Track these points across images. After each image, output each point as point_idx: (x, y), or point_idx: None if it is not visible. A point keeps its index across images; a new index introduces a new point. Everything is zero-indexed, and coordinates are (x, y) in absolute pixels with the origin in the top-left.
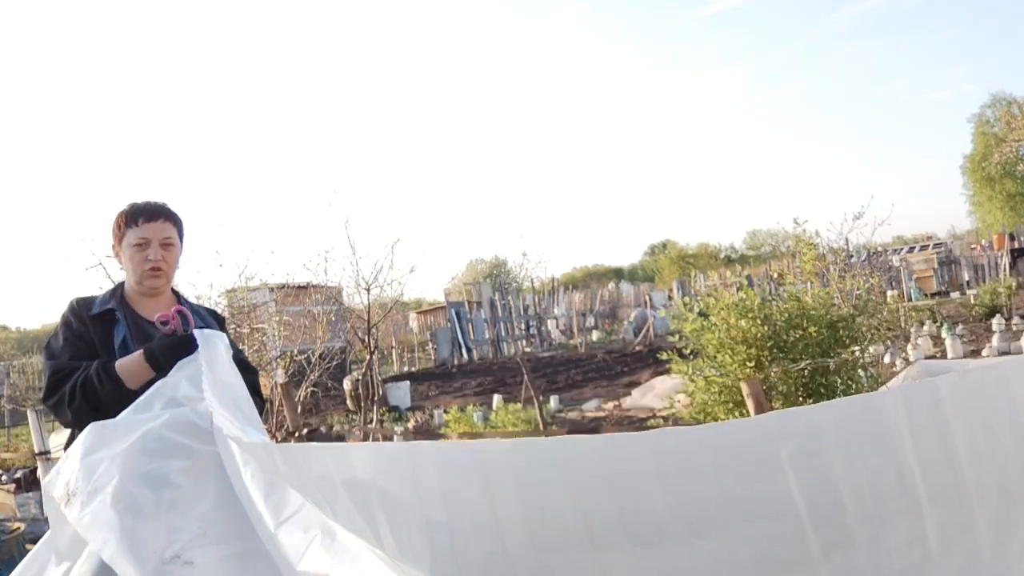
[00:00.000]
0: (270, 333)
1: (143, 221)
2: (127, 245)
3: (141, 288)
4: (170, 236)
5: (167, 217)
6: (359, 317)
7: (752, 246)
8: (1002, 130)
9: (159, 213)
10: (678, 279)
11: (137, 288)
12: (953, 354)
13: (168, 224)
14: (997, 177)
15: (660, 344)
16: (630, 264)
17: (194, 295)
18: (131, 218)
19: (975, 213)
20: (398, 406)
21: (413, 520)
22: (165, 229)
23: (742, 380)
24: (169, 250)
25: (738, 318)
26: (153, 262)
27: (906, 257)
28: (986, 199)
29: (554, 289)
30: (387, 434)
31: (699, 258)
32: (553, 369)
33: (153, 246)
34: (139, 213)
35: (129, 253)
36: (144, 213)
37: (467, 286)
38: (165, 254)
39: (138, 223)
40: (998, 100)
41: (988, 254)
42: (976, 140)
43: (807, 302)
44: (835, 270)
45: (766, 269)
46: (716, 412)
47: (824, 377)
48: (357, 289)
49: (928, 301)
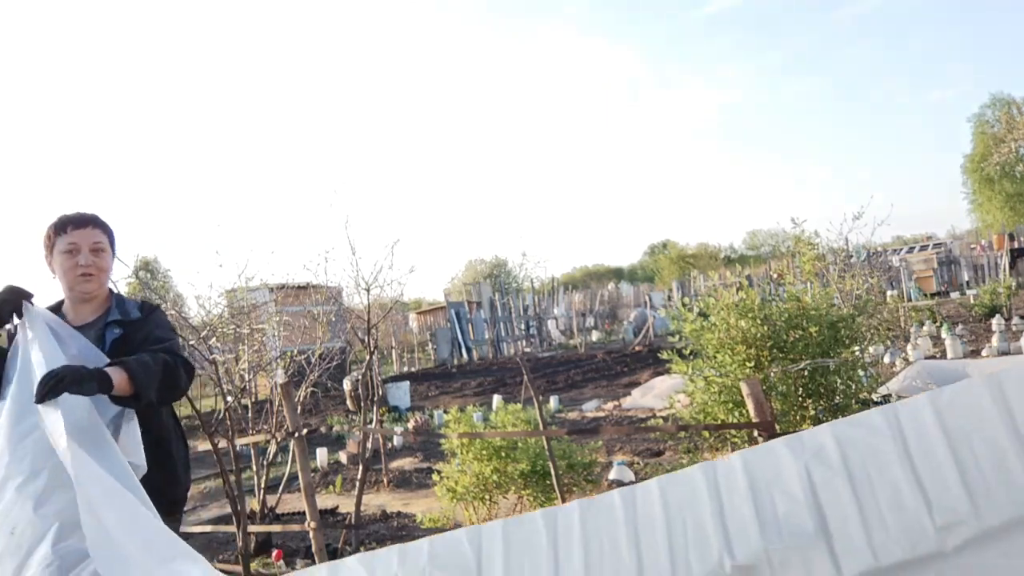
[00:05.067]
0: (270, 333)
1: (72, 228)
2: (58, 253)
3: (73, 294)
4: (100, 241)
5: (96, 224)
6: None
7: (752, 246)
8: (1002, 130)
9: (88, 221)
10: (678, 279)
11: (70, 295)
12: (953, 354)
13: (98, 231)
14: (997, 177)
15: (660, 344)
16: (630, 264)
17: (194, 295)
18: (60, 227)
19: (975, 213)
20: (398, 406)
21: None
22: (95, 235)
23: (742, 380)
24: (100, 255)
25: (738, 318)
26: (83, 267)
27: (906, 257)
28: (986, 199)
29: (554, 289)
30: (387, 434)
31: (699, 258)
32: (553, 369)
33: (83, 252)
34: (68, 222)
35: (60, 260)
36: (73, 221)
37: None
38: (95, 259)
39: (67, 231)
40: (998, 100)
41: (988, 254)
42: (976, 140)
43: (807, 302)
44: (835, 270)
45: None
46: (716, 412)
47: (824, 377)
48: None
49: (928, 301)
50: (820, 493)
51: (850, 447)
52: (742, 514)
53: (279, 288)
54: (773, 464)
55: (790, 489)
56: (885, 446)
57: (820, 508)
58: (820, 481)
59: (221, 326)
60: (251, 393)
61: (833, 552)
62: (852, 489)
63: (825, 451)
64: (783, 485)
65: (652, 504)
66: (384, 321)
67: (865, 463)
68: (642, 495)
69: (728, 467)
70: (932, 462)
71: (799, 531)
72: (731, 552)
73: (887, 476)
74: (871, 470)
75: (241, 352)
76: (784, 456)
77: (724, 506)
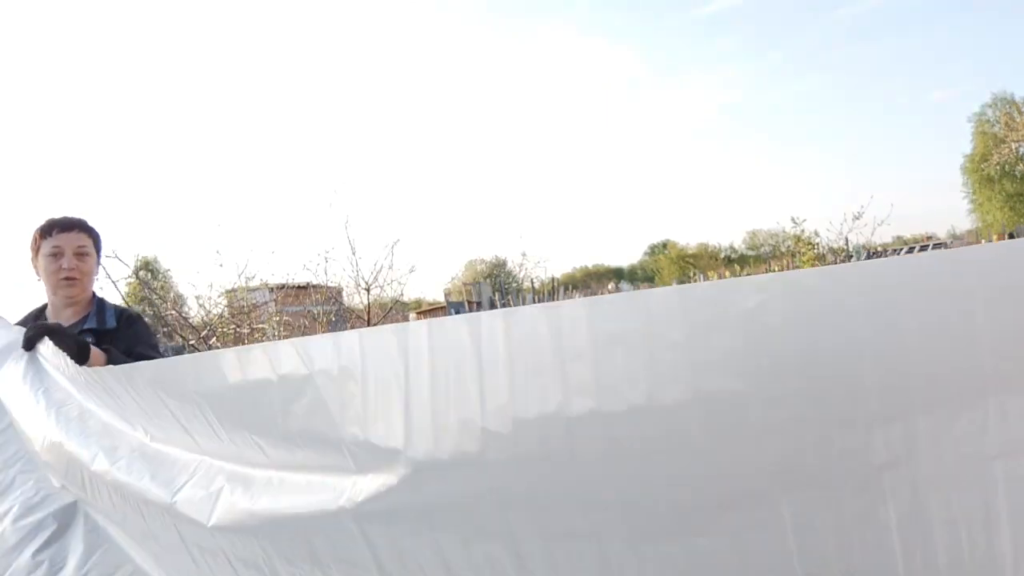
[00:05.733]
0: (270, 333)
1: (57, 232)
2: (43, 256)
3: (57, 298)
4: (84, 245)
5: (81, 228)
6: (359, 317)
7: (752, 246)
8: (1002, 130)
9: (73, 225)
10: (678, 279)
11: (54, 299)
12: None
13: (83, 235)
14: (997, 177)
15: None
16: (630, 264)
17: (194, 295)
18: (46, 231)
19: (975, 213)
20: None
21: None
22: (79, 239)
23: None
24: (84, 259)
25: None
26: (67, 271)
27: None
28: (986, 199)
29: (554, 289)
30: None
31: (699, 258)
32: None
33: (67, 255)
34: (54, 225)
35: (44, 263)
36: (59, 225)
37: (467, 286)
38: (79, 263)
39: (52, 234)
40: (1000, 99)
41: None
42: (976, 140)
43: None
44: None
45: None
46: None
47: None
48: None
49: None
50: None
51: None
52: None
53: (279, 288)
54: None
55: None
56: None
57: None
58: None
59: (221, 326)
60: None
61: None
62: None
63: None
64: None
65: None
66: (384, 321)
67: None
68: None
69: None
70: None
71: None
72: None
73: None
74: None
75: None
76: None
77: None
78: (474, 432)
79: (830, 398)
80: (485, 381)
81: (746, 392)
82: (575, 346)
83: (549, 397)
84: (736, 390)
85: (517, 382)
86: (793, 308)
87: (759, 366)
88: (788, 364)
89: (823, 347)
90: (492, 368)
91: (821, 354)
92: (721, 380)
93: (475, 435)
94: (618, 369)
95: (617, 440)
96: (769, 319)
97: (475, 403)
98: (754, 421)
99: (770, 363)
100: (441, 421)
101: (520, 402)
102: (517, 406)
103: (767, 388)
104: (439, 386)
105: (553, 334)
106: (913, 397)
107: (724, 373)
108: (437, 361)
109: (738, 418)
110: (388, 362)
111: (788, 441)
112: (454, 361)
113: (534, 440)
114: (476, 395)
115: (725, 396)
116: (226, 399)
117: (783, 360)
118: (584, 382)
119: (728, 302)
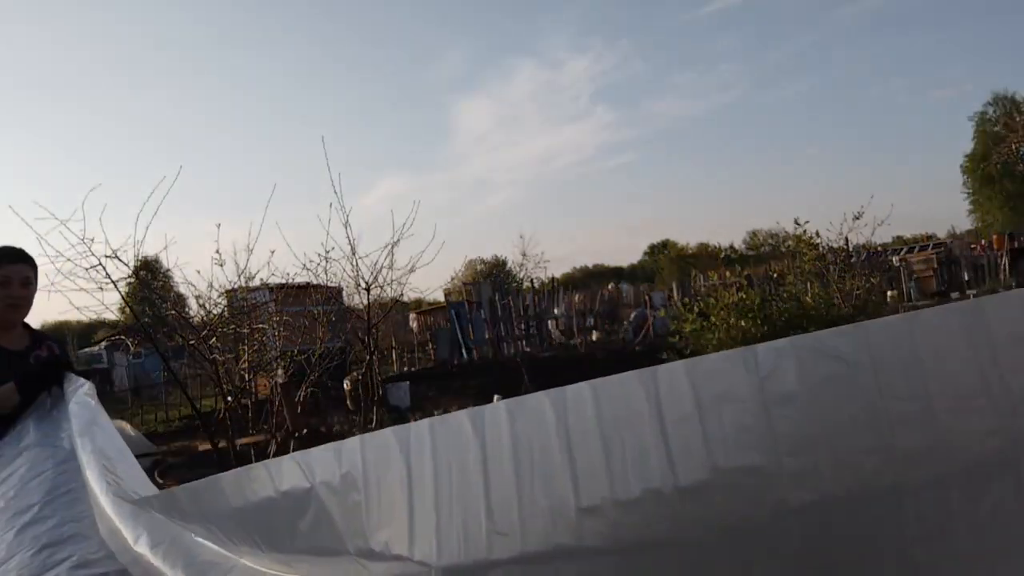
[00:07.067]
0: (270, 333)
1: (6, 263)
2: None
3: (2, 321)
4: (28, 276)
5: (25, 260)
6: (359, 317)
7: (752, 246)
8: (1002, 130)
9: (19, 257)
10: (678, 279)
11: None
12: None
13: (27, 266)
14: (997, 177)
15: (660, 344)
16: (630, 264)
17: (194, 295)
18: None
19: (975, 213)
20: (398, 406)
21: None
22: (24, 270)
23: None
24: (27, 288)
25: (738, 318)
26: (15, 299)
27: (906, 257)
28: (986, 199)
29: (554, 289)
30: None
31: (699, 258)
32: (553, 369)
33: (14, 284)
34: (3, 256)
35: None
36: (7, 256)
37: (467, 286)
38: (24, 292)
39: (2, 264)
40: (999, 99)
41: (988, 254)
42: (976, 139)
43: (807, 302)
44: (835, 270)
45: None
46: None
47: None
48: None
49: (928, 301)
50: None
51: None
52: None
53: (279, 288)
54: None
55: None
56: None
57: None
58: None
59: (221, 326)
60: (251, 393)
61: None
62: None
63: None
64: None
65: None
66: (384, 321)
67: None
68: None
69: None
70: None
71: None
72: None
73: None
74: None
75: (241, 352)
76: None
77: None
78: (480, 532)
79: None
80: (490, 477)
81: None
82: (583, 430)
83: (556, 488)
84: (756, 465)
85: (523, 475)
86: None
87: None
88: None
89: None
90: (496, 463)
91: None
92: (739, 456)
93: (481, 535)
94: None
95: (630, 528)
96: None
97: (481, 500)
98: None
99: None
100: (445, 523)
101: (527, 495)
102: (524, 500)
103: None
104: (443, 486)
105: (559, 418)
106: (948, 463)
107: (740, 448)
108: (440, 460)
109: (761, 496)
110: (392, 465)
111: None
112: (458, 459)
113: (540, 536)
114: (481, 492)
115: (744, 473)
116: (234, 520)
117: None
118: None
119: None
